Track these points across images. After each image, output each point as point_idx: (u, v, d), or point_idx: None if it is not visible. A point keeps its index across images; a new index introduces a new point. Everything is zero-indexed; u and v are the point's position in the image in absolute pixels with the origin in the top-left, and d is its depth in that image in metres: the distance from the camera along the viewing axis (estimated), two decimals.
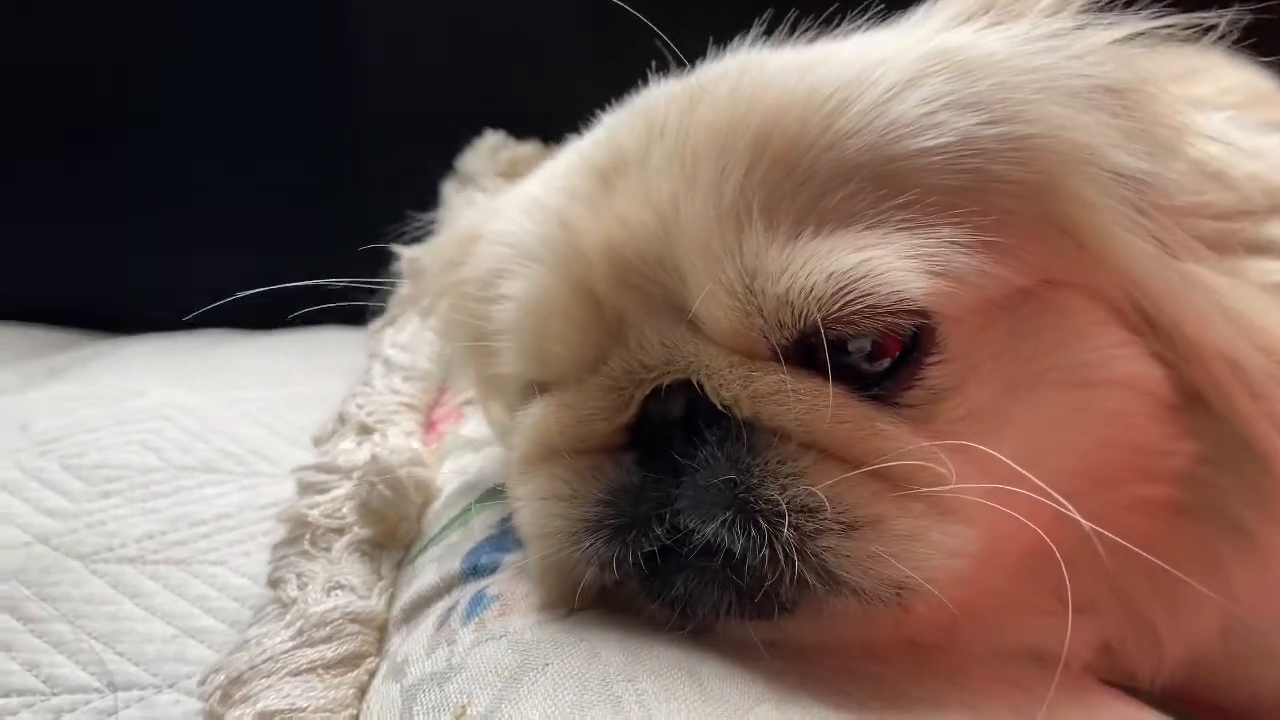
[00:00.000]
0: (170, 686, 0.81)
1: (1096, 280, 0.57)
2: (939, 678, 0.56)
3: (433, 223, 0.87)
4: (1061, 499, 0.51)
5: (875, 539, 0.52)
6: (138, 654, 0.83)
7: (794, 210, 0.54)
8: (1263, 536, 0.60)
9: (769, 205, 0.54)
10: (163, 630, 0.86)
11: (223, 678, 0.63)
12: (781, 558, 0.51)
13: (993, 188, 0.55)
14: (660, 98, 0.62)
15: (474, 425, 0.92)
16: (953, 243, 0.53)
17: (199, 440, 1.10)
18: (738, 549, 0.52)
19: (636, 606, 0.58)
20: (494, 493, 0.77)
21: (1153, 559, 0.54)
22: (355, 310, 0.86)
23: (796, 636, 0.55)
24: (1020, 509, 0.52)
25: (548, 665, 0.54)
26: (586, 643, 0.56)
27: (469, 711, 0.53)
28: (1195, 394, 0.59)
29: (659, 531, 0.54)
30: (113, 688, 0.80)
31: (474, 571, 0.68)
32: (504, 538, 0.70)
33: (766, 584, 0.52)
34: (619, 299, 0.57)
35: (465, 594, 0.65)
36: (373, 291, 0.81)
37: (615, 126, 0.64)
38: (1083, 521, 0.51)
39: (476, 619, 0.61)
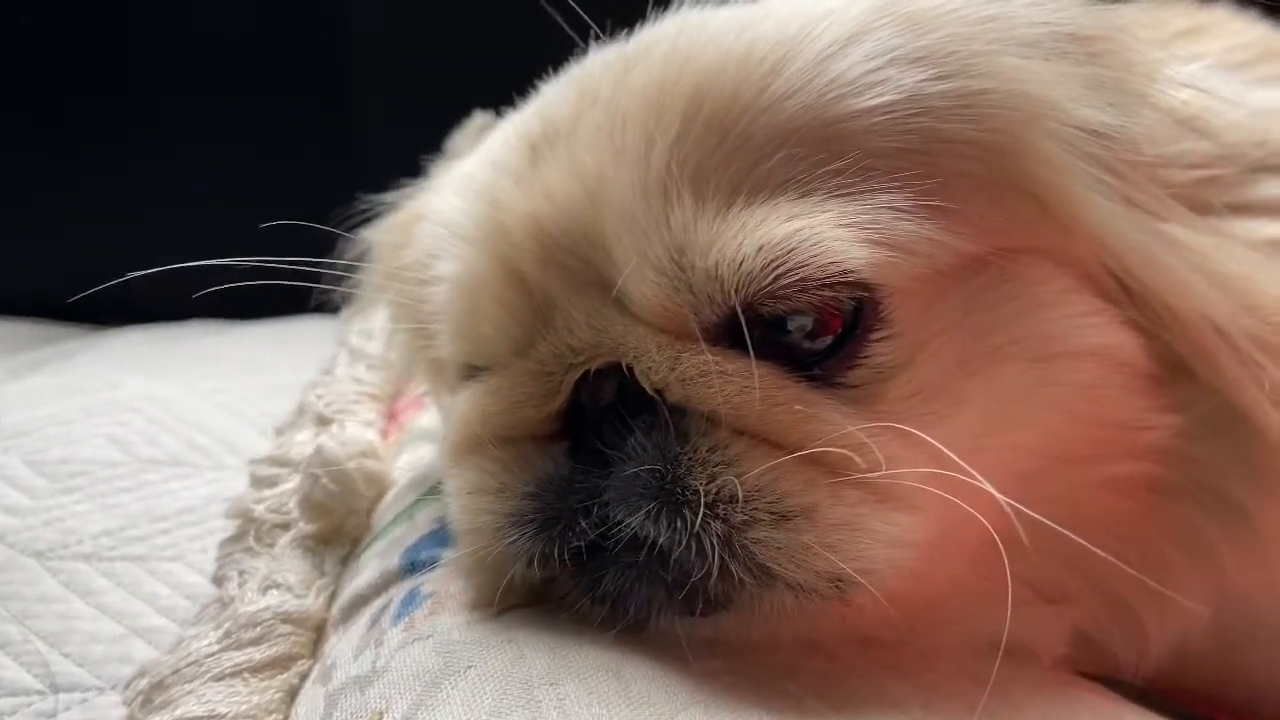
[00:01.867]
0: (112, 688, 0.79)
1: (1063, 245, 0.53)
2: (892, 673, 0.53)
3: (388, 203, 0.84)
4: (983, 480, 0.47)
5: (809, 529, 0.48)
6: (83, 655, 0.82)
7: (726, 179, 0.50)
8: (1258, 516, 0.56)
9: (699, 174, 0.50)
10: (111, 630, 0.84)
11: (145, 682, 0.60)
12: (709, 550, 0.48)
13: (942, 149, 0.51)
14: (596, 64, 0.59)
15: (433, 416, 0.89)
16: (896, 208, 0.49)
17: (167, 433, 1.08)
18: (663, 541, 0.49)
19: (571, 604, 0.54)
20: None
21: (1078, 542, 0.50)
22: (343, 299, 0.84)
23: (733, 634, 0.52)
24: (967, 495, 0.48)
25: (470, 668, 0.52)
26: (514, 644, 0.53)
27: (385, 718, 0.51)
28: (1177, 363, 0.55)
29: (585, 525, 0.51)
30: (55, 689, 0.78)
31: (412, 567, 0.65)
32: (446, 532, 0.67)
33: (694, 578, 0.49)
34: (545, 278, 0.54)
35: (400, 592, 0.63)
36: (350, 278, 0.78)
37: (550, 96, 0.61)
38: (1005, 504, 0.47)
39: (406, 619, 0.59)
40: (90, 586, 0.87)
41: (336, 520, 0.76)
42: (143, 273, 0.61)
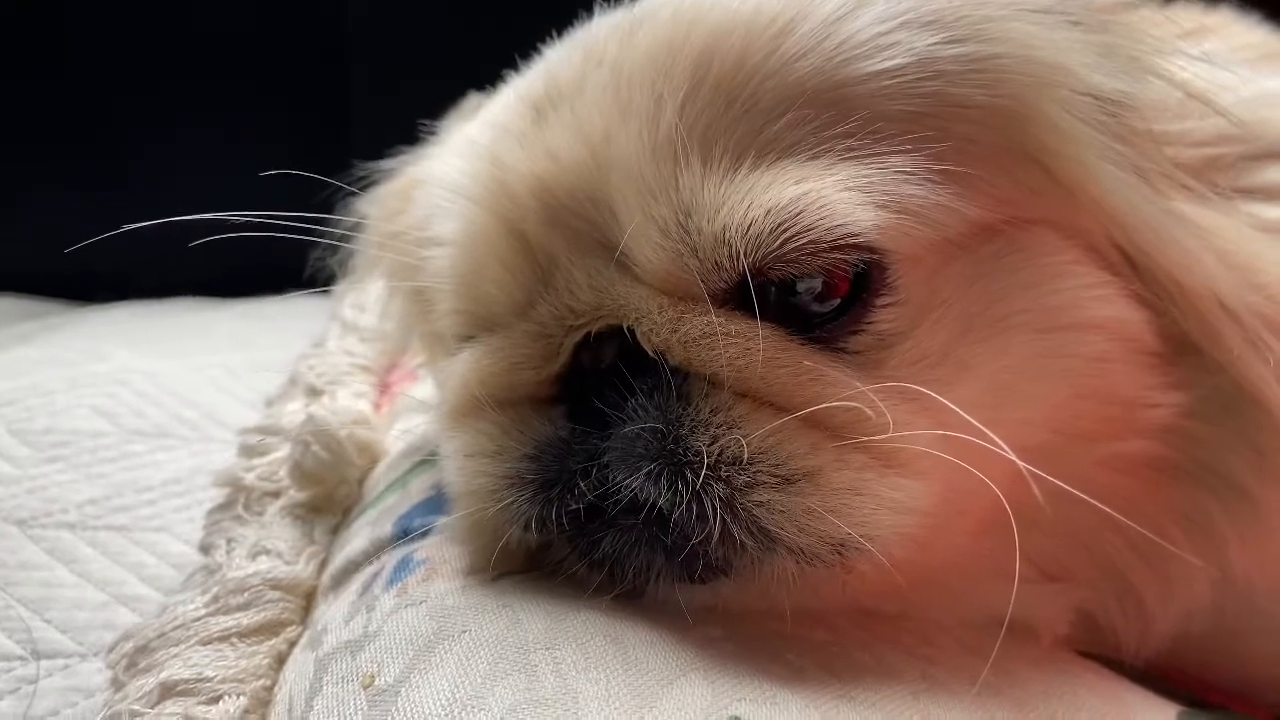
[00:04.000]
0: (95, 655, 0.78)
1: (1070, 216, 0.53)
2: (892, 645, 0.53)
3: (383, 171, 0.83)
4: (1003, 444, 0.46)
5: (813, 493, 0.47)
6: (66, 622, 0.81)
7: (734, 141, 0.49)
8: (1262, 498, 0.55)
9: (708, 136, 0.50)
10: (95, 597, 0.83)
11: (130, 645, 0.59)
12: (710, 513, 0.47)
13: (953, 113, 0.50)
14: (601, 27, 0.58)
15: (428, 387, 0.88)
16: (905, 172, 0.49)
17: (154, 405, 1.06)
18: (663, 503, 0.48)
19: (567, 569, 0.54)
20: (437, 454, 0.73)
21: (1117, 516, 0.50)
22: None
23: (732, 601, 0.51)
24: (976, 462, 0.48)
25: (464, 632, 0.51)
26: (509, 608, 0.52)
27: (377, 681, 0.50)
28: (1184, 341, 0.55)
29: (584, 486, 0.50)
30: (37, 655, 0.77)
31: (405, 535, 0.64)
32: (439, 500, 0.66)
33: (693, 541, 0.48)
34: (548, 239, 0.53)
35: (393, 558, 0.62)
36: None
37: (553, 59, 0.60)
38: (1024, 467, 0.46)
39: (399, 584, 0.58)
40: (74, 554, 0.86)
41: (327, 488, 0.75)
42: (137, 225, 0.60)
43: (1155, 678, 0.61)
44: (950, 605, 0.55)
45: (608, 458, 0.50)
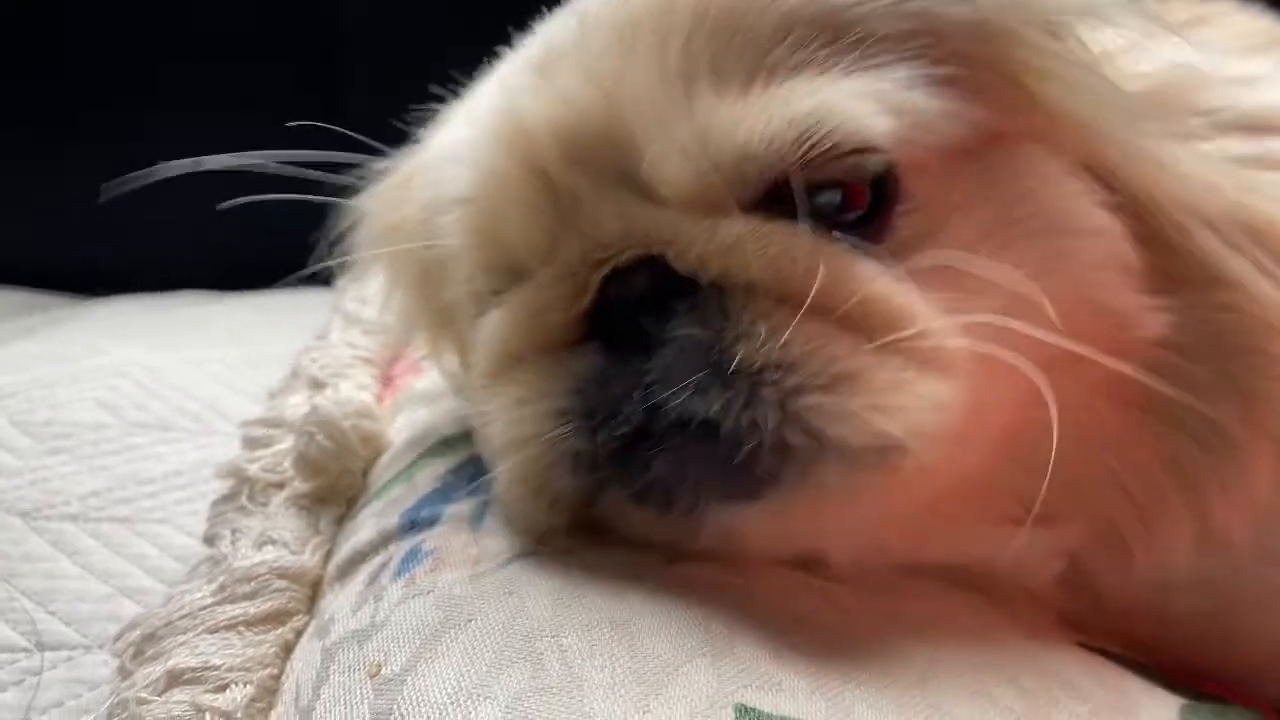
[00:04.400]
0: (99, 647, 0.78)
1: (1051, 130, 0.55)
2: (900, 630, 0.53)
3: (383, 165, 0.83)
4: (1033, 326, 0.50)
5: (856, 393, 0.48)
6: (70, 613, 0.81)
7: (742, 67, 0.51)
8: (1247, 445, 0.55)
9: (716, 65, 0.51)
10: (98, 589, 0.83)
11: (137, 634, 0.59)
12: (760, 420, 0.48)
13: (942, 30, 0.53)
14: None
15: (430, 380, 0.88)
16: (908, 83, 0.51)
17: (156, 398, 1.06)
18: (714, 414, 0.48)
19: (618, 515, 0.54)
20: (442, 445, 0.73)
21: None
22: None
23: (779, 521, 0.51)
24: (1000, 365, 0.50)
25: (471, 621, 0.51)
26: (515, 596, 0.52)
27: (383, 670, 0.50)
28: (1170, 274, 0.55)
29: (628, 411, 0.50)
30: (41, 647, 0.77)
31: (412, 526, 0.64)
32: (447, 490, 0.66)
33: (746, 448, 0.48)
34: (571, 177, 0.54)
35: (400, 549, 0.62)
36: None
37: (552, 25, 0.61)
38: (1038, 381, 0.49)
39: (407, 575, 0.58)
40: (77, 546, 0.86)
41: (331, 479, 0.75)
42: (167, 164, 0.59)
43: (1156, 671, 0.61)
44: (949, 542, 0.57)
45: (650, 378, 0.50)
